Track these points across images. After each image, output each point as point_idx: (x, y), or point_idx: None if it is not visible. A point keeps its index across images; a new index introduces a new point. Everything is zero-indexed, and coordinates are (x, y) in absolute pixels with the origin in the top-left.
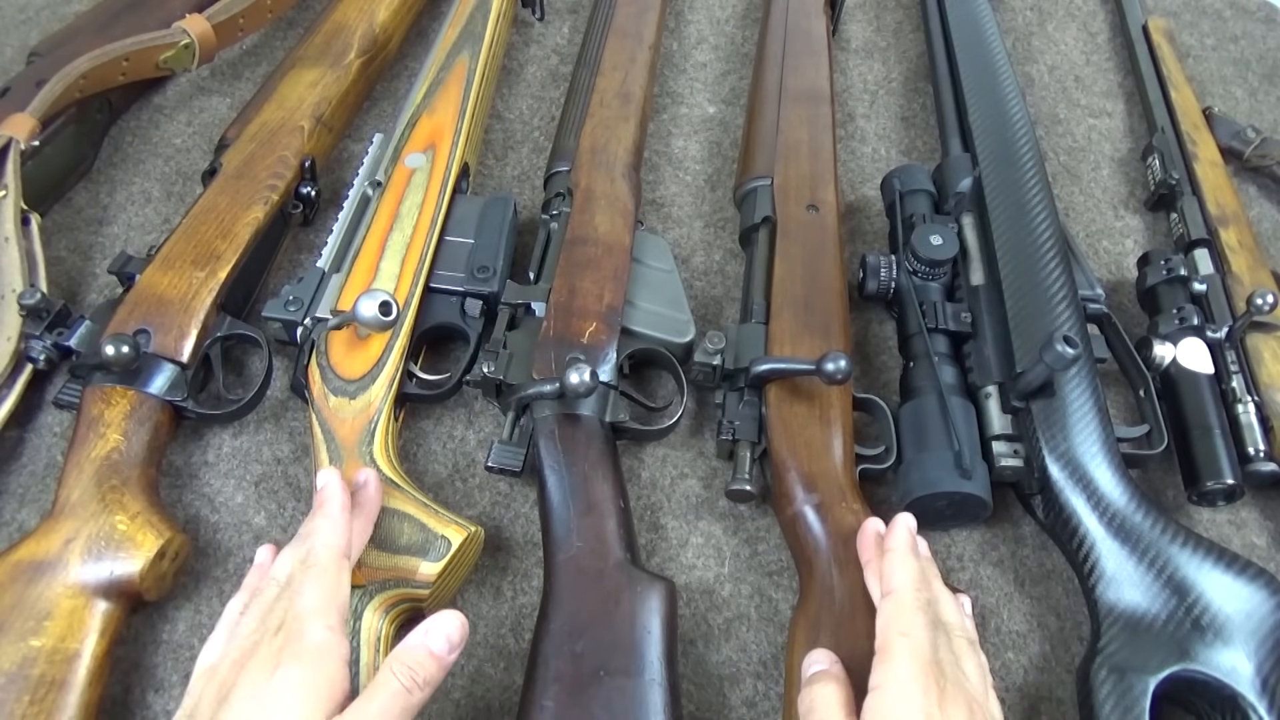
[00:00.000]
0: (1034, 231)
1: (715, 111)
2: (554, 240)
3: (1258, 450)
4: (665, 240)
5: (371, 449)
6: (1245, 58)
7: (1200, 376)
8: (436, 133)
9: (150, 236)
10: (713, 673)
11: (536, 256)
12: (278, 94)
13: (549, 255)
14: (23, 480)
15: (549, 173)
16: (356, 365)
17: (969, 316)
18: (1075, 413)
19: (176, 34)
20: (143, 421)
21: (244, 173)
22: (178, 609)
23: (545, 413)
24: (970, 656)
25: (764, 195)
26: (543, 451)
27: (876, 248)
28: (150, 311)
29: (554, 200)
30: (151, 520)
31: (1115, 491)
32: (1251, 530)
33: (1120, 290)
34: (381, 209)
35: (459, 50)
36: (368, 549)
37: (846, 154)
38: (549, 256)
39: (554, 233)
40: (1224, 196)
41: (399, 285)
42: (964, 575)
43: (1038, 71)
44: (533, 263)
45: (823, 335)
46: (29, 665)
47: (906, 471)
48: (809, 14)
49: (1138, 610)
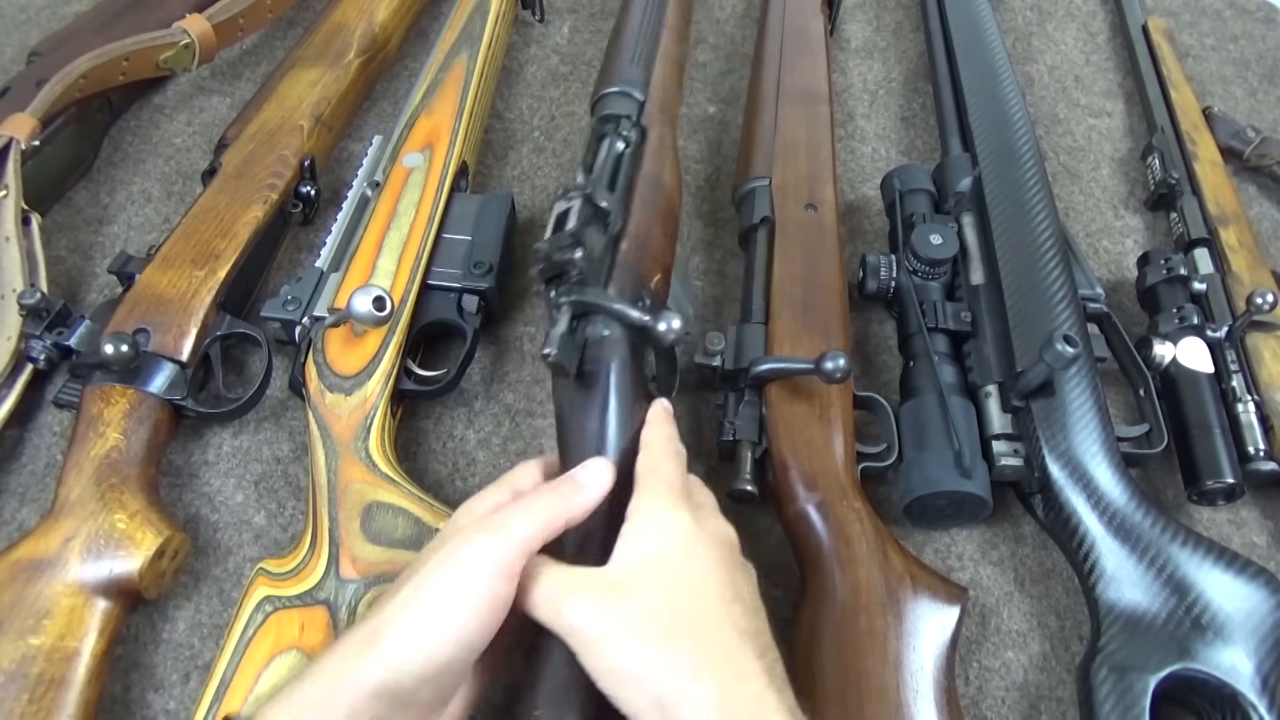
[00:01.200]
0: (1034, 231)
1: (715, 111)
2: (626, 163)
3: (1258, 449)
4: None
5: (367, 445)
6: (1245, 58)
7: (1200, 376)
8: (434, 133)
9: (150, 236)
10: None
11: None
12: (277, 94)
13: (621, 173)
14: (23, 479)
15: (610, 90)
16: (352, 361)
17: (969, 316)
18: (1075, 412)
19: (176, 34)
20: (142, 420)
21: (244, 172)
22: (178, 608)
23: (613, 334)
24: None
25: (762, 195)
26: (611, 375)
27: (876, 247)
28: (150, 311)
29: (620, 119)
30: (151, 519)
31: (1115, 491)
32: (1251, 529)
33: (1120, 290)
34: (379, 208)
35: (457, 51)
36: (363, 542)
37: (846, 154)
38: (621, 174)
39: (624, 155)
40: (1224, 196)
41: (395, 282)
42: (964, 575)
43: (1038, 71)
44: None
45: (822, 335)
46: (28, 663)
47: (906, 471)
48: (806, 13)
49: (1138, 609)
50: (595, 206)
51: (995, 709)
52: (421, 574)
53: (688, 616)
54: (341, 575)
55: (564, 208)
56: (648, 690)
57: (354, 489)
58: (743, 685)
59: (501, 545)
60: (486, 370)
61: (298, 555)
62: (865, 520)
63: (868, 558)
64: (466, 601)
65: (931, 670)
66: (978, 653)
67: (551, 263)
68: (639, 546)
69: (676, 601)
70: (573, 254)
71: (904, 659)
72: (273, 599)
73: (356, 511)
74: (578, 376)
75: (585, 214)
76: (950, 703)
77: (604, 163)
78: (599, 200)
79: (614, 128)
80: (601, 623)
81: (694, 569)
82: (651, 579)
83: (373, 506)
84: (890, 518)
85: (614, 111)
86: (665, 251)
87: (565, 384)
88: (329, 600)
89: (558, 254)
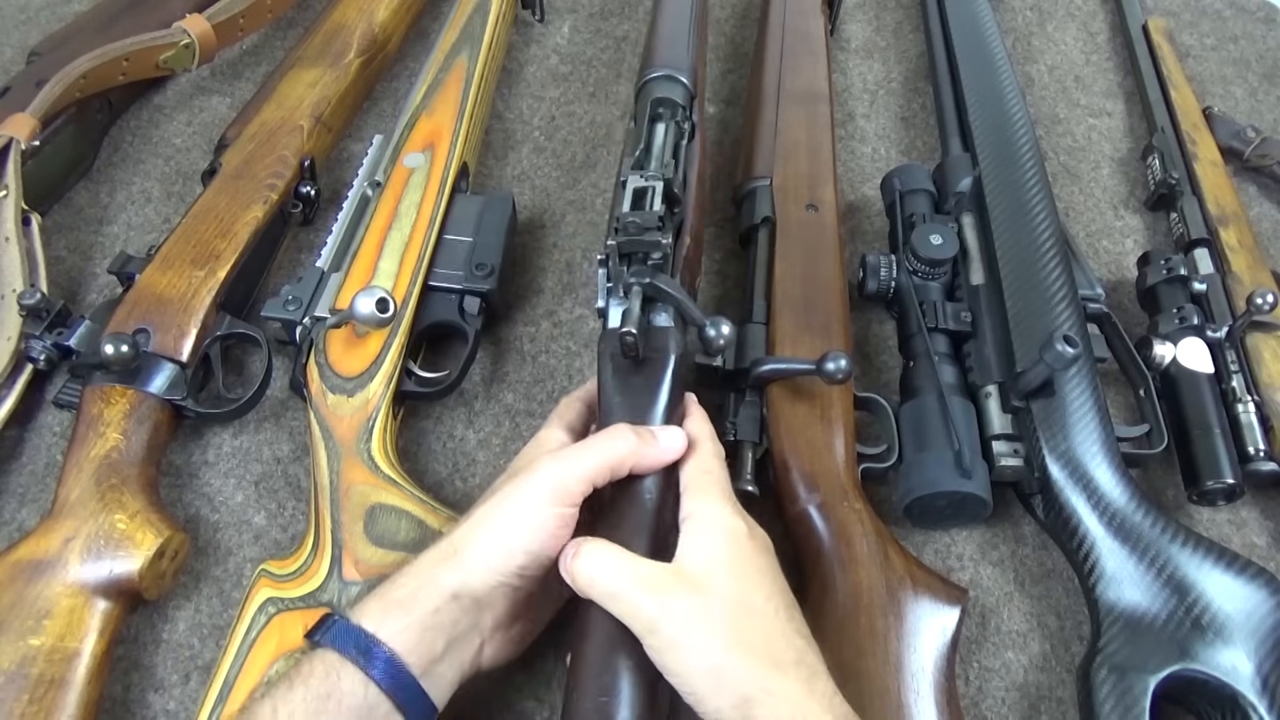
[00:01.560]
0: (1034, 231)
1: (715, 111)
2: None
3: (1258, 450)
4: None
5: (369, 446)
6: (1245, 58)
7: (1200, 376)
8: (435, 133)
9: (150, 236)
10: None
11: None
12: (277, 94)
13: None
14: (23, 480)
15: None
16: (354, 363)
17: (969, 316)
18: (1075, 412)
19: (176, 34)
20: (142, 421)
21: (243, 172)
22: (178, 609)
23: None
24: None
25: (763, 195)
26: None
27: (876, 248)
28: (150, 311)
29: (677, 109)
30: (151, 519)
31: (1115, 491)
32: (1251, 530)
33: (1120, 290)
34: (380, 208)
35: (458, 51)
36: (366, 544)
37: (846, 154)
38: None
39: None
40: (1224, 196)
41: (397, 283)
42: (964, 575)
43: (1038, 71)
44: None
45: (823, 335)
46: (28, 664)
47: (906, 471)
48: (806, 14)
49: (1138, 610)
50: (671, 194)
51: (995, 709)
52: (495, 497)
53: (757, 618)
54: (345, 577)
55: (641, 185)
56: (730, 689)
57: (357, 491)
58: (818, 682)
59: (567, 472)
60: (487, 370)
61: (300, 557)
62: (866, 521)
63: (868, 558)
64: (532, 519)
65: (932, 671)
66: (978, 653)
67: (638, 240)
68: (705, 547)
69: (747, 601)
70: (662, 237)
71: (904, 659)
72: (276, 601)
73: (360, 513)
74: (637, 361)
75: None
76: (950, 703)
77: (665, 150)
78: (675, 188)
79: (670, 115)
80: (686, 621)
81: (753, 571)
82: (724, 579)
83: (376, 508)
84: (891, 518)
85: (668, 96)
86: (701, 254)
87: (622, 367)
88: (332, 602)
89: (648, 234)
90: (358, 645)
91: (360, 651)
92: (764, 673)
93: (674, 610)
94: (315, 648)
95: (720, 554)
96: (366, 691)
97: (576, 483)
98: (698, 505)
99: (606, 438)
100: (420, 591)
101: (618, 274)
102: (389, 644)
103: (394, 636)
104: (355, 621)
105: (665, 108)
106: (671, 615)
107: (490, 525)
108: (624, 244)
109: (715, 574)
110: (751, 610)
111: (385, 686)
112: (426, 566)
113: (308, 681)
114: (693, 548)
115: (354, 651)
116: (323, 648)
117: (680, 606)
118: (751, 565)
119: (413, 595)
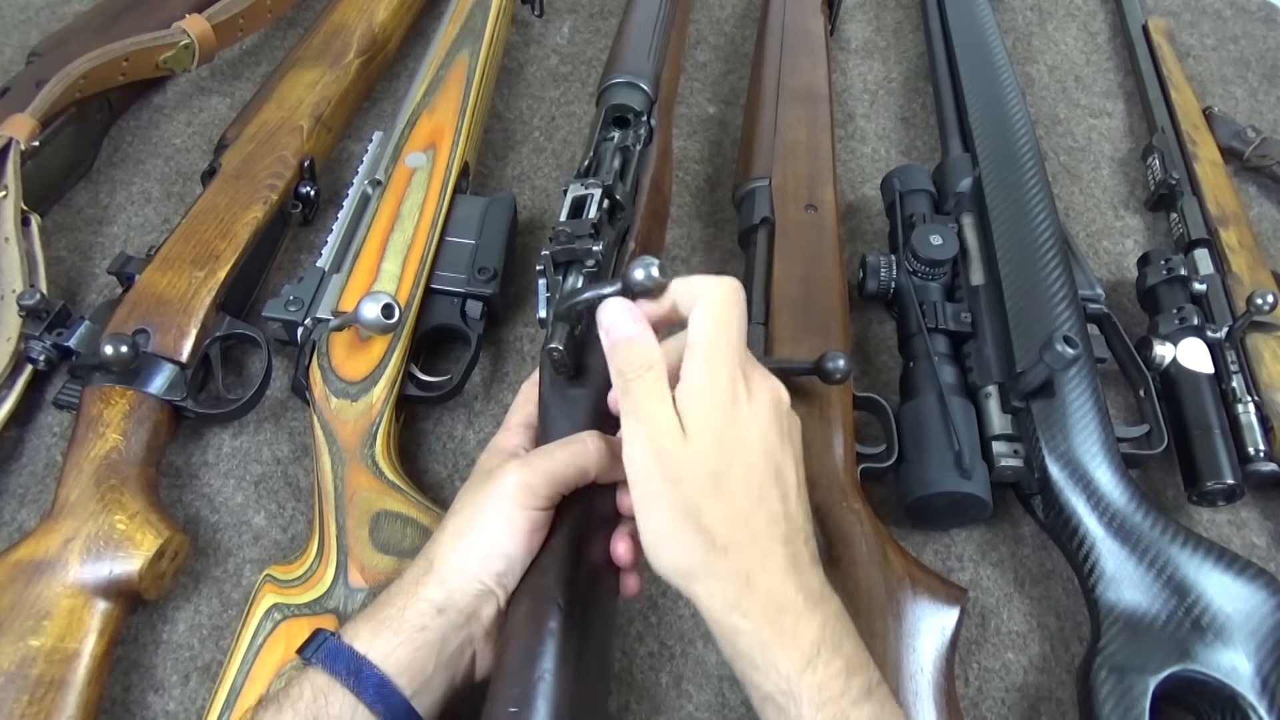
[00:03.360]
0: (1034, 231)
1: (715, 111)
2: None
3: (1258, 450)
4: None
5: (373, 451)
6: (1245, 58)
7: (1200, 376)
8: (437, 132)
9: (150, 236)
10: (712, 673)
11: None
12: (277, 94)
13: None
14: (23, 480)
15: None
16: (358, 367)
17: (969, 316)
18: (1075, 413)
19: (176, 34)
20: (142, 421)
21: (243, 173)
22: (178, 609)
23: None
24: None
25: (762, 196)
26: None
27: (876, 248)
28: (149, 311)
29: (631, 113)
30: (150, 520)
31: (1115, 491)
32: (1251, 530)
33: (1120, 290)
34: (382, 209)
35: (459, 48)
36: (371, 551)
37: (846, 154)
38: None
39: (634, 153)
40: (1224, 196)
41: (400, 286)
42: (964, 575)
43: (1038, 71)
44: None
45: (822, 335)
46: (28, 665)
47: (906, 472)
48: (806, 14)
49: (1138, 610)
50: (613, 200)
51: (995, 710)
52: (464, 507)
53: (719, 493)
54: (351, 584)
55: (581, 194)
56: (670, 560)
57: (361, 496)
58: (764, 573)
59: (534, 476)
60: (487, 371)
61: (305, 562)
62: (865, 521)
63: (867, 559)
64: (504, 522)
65: (931, 672)
66: (977, 654)
67: (571, 249)
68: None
69: (715, 474)
70: (593, 244)
71: (904, 660)
72: (281, 606)
73: (365, 519)
74: (575, 374)
75: (603, 206)
76: (950, 704)
77: (614, 156)
78: (616, 193)
79: (625, 121)
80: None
81: (735, 443)
82: (699, 448)
83: (381, 515)
84: (890, 519)
85: (624, 103)
86: (661, 255)
87: (560, 380)
88: (338, 609)
89: (580, 242)
90: (349, 667)
91: (351, 673)
92: (706, 551)
93: (644, 471)
94: (306, 666)
95: (703, 422)
96: (355, 714)
97: (544, 486)
98: (690, 369)
99: (575, 443)
100: (407, 610)
101: (554, 283)
102: (380, 665)
103: (385, 658)
104: (347, 642)
105: (620, 116)
106: (641, 475)
107: (463, 534)
108: (557, 253)
109: (693, 442)
110: (715, 484)
111: (376, 709)
112: (409, 584)
113: (296, 705)
114: (681, 414)
115: (345, 673)
116: (313, 667)
117: (654, 469)
118: (735, 437)
119: (399, 613)
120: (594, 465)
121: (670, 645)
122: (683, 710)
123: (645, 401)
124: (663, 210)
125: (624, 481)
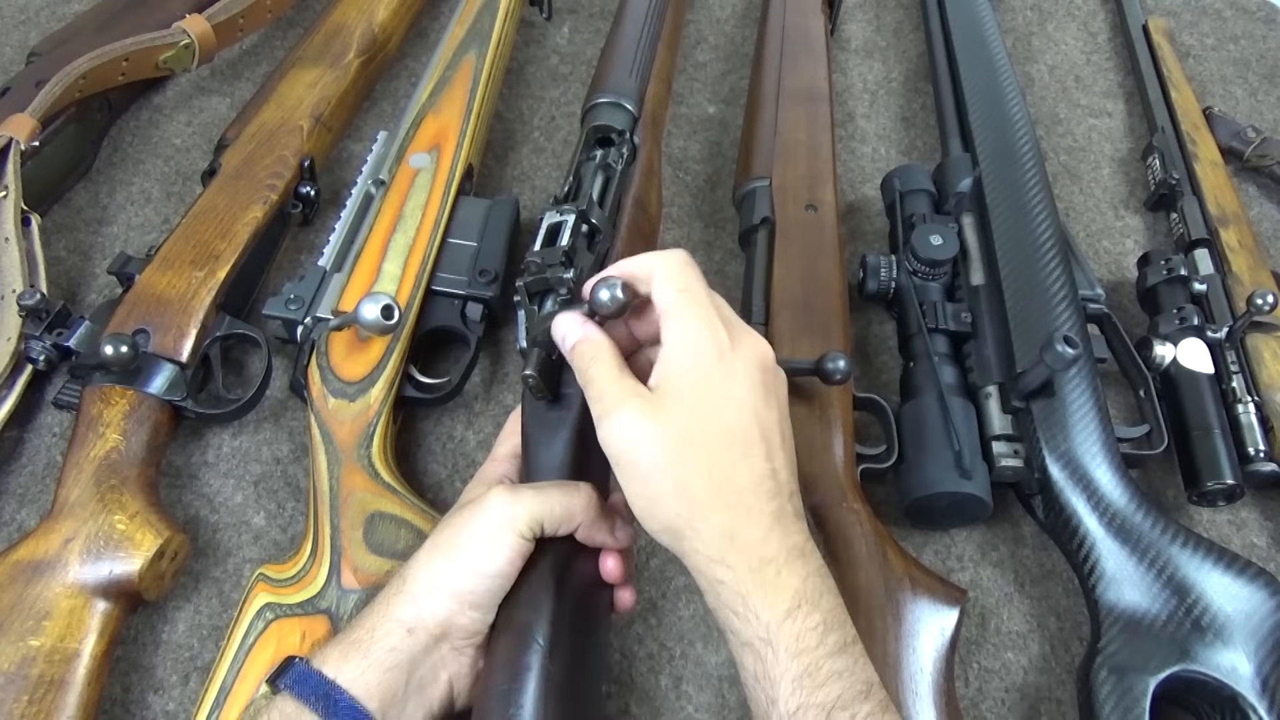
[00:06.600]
0: (1034, 231)
1: (715, 111)
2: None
3: (1258, 450)
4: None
5: (370, 452)
6: (1245, 58)
7: (1200, 376)
8: (441, 133)
9: (150, 236)
10: (712, 674)
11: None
12: (277, 94)
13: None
14: (22, 480)
15: (604, 100)
16: (357, 367)
17: (969, 316)
18: (1075, 413)
19: (176, 34)
20: (142, 421)
21: (243, 173)
22: (178, 609)
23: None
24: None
25: (762, 196)
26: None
27: (876, 248)
28: (149, 311)
29: (614, 133)
30: (150, 520)
31: (1115, 491)
32: (1251, 530)
33: (1120, 290)
34: (385, 209)
35: (466, 49)
36: (365, 552)
37: (846, 154)
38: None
39: (616, 173)
40: (1224, 196)
41: (401, 287)
42: (964, 576)
43: (1038, 71)
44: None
45: (822, 335)
46: (28, 665)
47: (906, 472)
48: (806, 13)
49: (1138, 610)
50: (588, 224)
51: (995, 710)
52: (446, 526)
53: (700, 451)
54: (344, 585)
55: (556, 221)
56: (658, 519)
57: (356, 498)
58: (747, 529)
59: (518, 507)
60: (486, 372)
61: (298, 562)
62: (865, 522)
63: (867, 560)
64: (483, 541)
65: (931, 672)
66: (977, 654)
67: (542, 279)
68: (670, 371)
69: (697, 432)
70: (565, 272)
71: (903, 661)
72: (274, 606)
73: (359, 521)
74: (553, 399)
75: (578, 231)
76: (950, 704)
77: (594, 178)
78: (592, 217)
79: (607, 142)
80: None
81: (716, 401)
82: (679, 407)
83: (375, 516)
84: (890, 519)
85: (607, 123)
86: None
87: (540, 405)
88: (330, 610)
89: (552, 270)
90: (317, 693)
91: (319, 698)
92: (692, 511)
93: (619, 446)
94: (275, 694)
95: (682, 381)
96: None
97: (525, 518)
98: (670, 326)
99: (569, 488)
100: (376, 630)
101: (531, 312)
102: (350, 689)
103: (354, 682)
104: (316, 667)
105: (603, 136)
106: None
107: (439, 550)
108: (530, 283)
109: (673, 400)
110: (698, 442)
111: None
112: (381, 604)
113: None
114: (660, 372)
115: (313, 699)
116: (282, 694)
117: (626, 440)
118: (715, 394)
119: (369, 634)
120: (580, 514)
121: (670, 647)
122: (683, 712)
123: (603, 380)
124: (648, 228)
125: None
